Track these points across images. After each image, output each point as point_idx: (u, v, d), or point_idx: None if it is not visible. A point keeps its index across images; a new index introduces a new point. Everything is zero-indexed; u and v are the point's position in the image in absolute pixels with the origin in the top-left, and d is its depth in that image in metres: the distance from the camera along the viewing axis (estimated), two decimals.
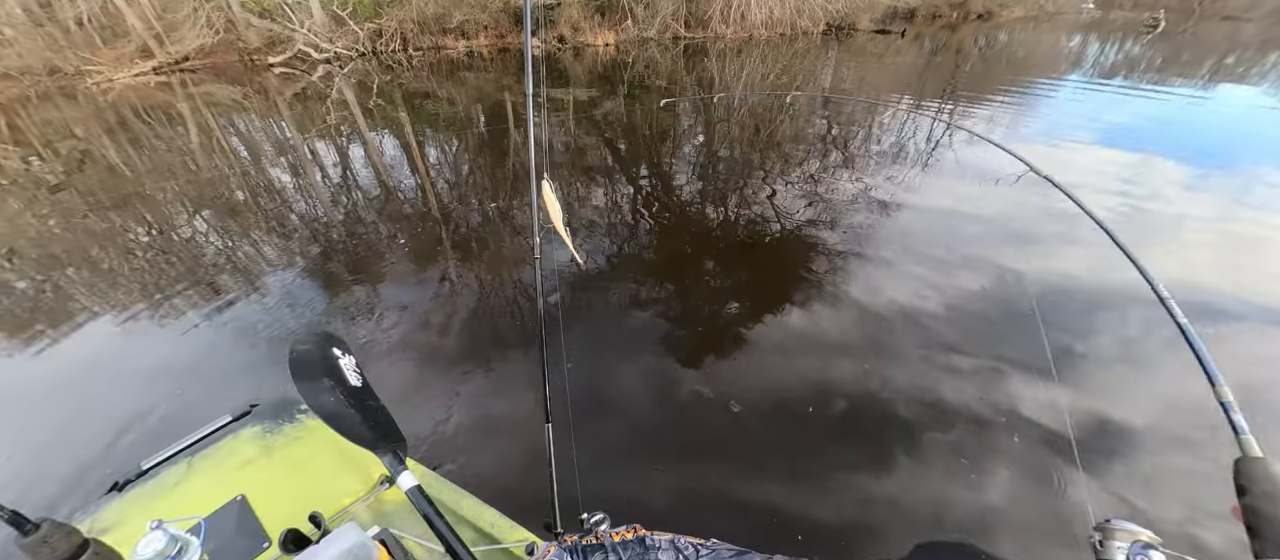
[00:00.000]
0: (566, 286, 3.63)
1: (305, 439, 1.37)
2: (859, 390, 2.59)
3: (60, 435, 2.58)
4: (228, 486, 1.20)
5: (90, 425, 2.63)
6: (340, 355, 0.99)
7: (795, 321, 3.11)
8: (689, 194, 5.01)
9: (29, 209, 5.87)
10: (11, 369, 3.20)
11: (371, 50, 15.02)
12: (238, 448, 1.35)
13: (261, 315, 3.49)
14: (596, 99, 9.01)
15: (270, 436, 1.38)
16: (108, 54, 13.88)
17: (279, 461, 1.30)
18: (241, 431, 1.39)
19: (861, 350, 2.85)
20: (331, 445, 1.34)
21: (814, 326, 3.06)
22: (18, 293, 4.10)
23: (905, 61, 12.02)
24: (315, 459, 1.30)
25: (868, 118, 7.02)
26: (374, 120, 8.66)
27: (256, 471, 1.26)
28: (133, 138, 8.60)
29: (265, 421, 1.43)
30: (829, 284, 3.45)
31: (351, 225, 4.87)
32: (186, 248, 4.68)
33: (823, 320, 3.11)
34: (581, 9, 15.71)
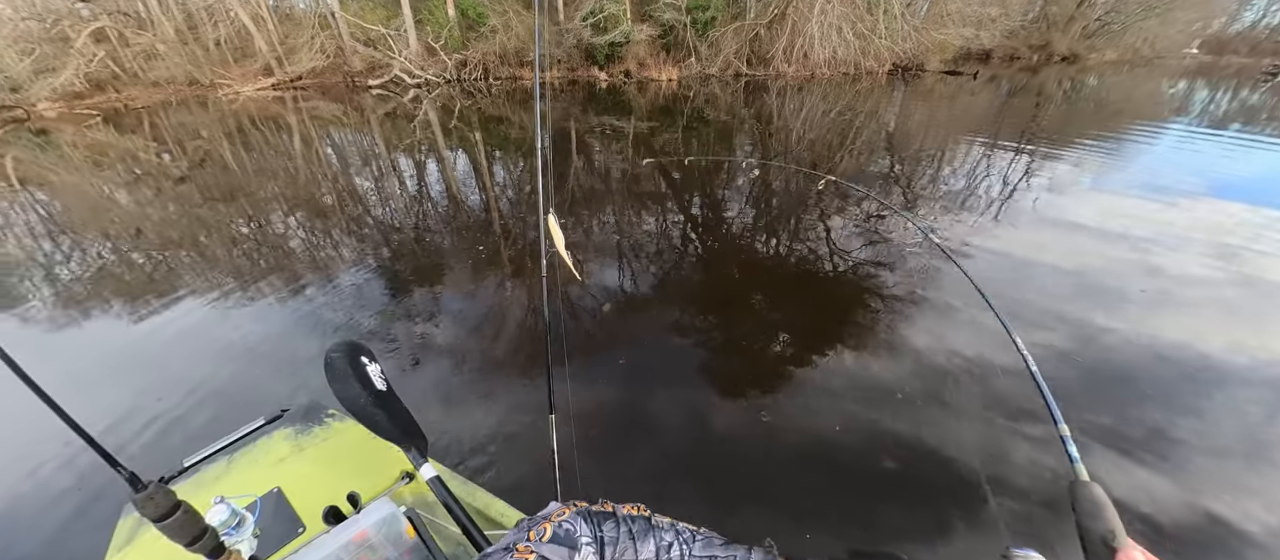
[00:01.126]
0: (614, 308, 3.63)
1: (333, 440, 1.45)
2: (912, 443, 2.37)
3: (145, 393, 2.85)
4: (264, 481, 1.28)
5: (172, 387, 2.89)
6: (368, 362, 1.11)
7: (846, 363, 2.93)
8: (740, 225, 4.93)
9: (156, 196, 6.72)
10: (120, 330, 3.60)
11: (457, 78, 16.27)
12: (271, 447, 1.43)
13: (330, 308, 3.73)
14: (656, 130, 9.19)
15: (301, 437, 1.46)
16: (237, 71, 15.94)
17: (310, 459, 1.38)
18: (274, 433, 1.48)
19: (918, 401, 2.62)
20: (356, 445, 1.41)
21: (865, 370, 2.86)
22: (137, 266, 4.65)
23: (978, 103, 11.44)
24: (342, 457, 1.37)
25: (935, 157, 6.68)
26: (451, 140, 9.29)
27: (289, 467, 1.34)
28: (247, 142, 9.71)
29: (296, 424, 1.51)
30: (885, 327, 3.23)
31: (420, 233, 5.17)
32: (277, 241, 5.15)
33: (876, 364, 2.90)
34: (648, 46, 16.28)
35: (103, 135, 11.35)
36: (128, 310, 3.88)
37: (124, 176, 7.91)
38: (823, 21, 14.63)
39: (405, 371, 3.03)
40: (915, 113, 10.32)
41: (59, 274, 4.72)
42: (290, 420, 1.54)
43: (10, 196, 7.21)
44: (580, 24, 15.93)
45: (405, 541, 0.97)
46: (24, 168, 8.87)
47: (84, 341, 3.57)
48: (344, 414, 1.50)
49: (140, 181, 7.54)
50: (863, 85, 13.85)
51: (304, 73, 16.29)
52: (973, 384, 2.74)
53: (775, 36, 15.44)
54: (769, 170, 6.59)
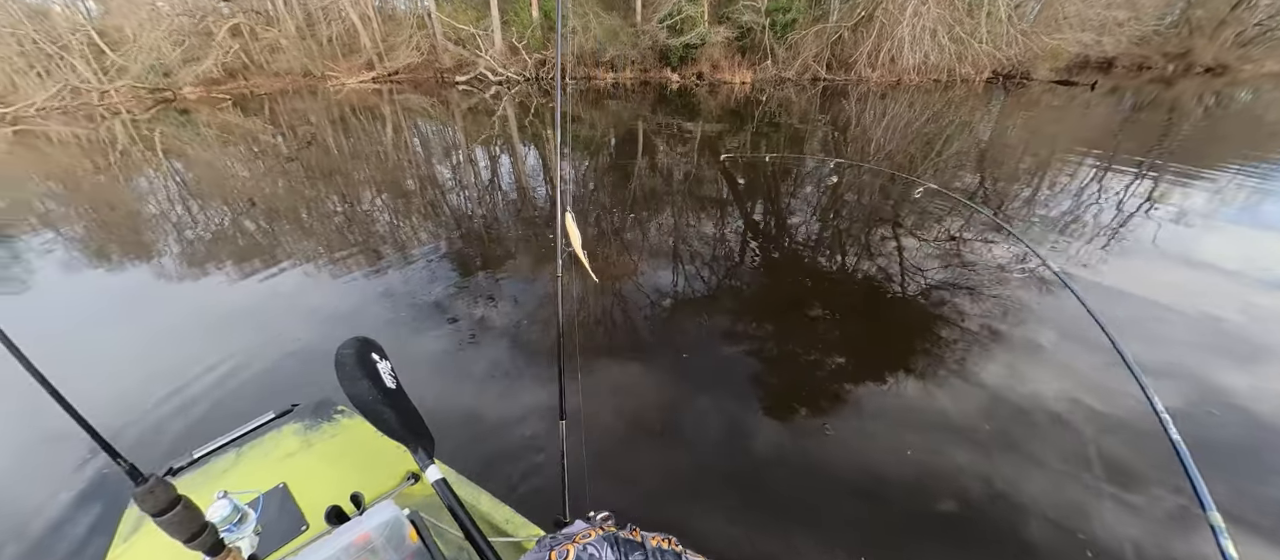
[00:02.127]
0: (663, 309, 3.61)
1: (341, 436, 1.44)
2: (978, 490, 2.15)
3: (247, 341, 3.22)
4: (271, 475, 1.28)
5: (267, 341, 3.25)
6: (378, 360, 1.10)
7: (909, 391, 2.71)
8: (805, 234, 4.74)
9: (269, 172, 7.60)
10: (227, 286, 4.11)
11: (535, 76, 17.01)
12: (280, 441, 1.43)
13: (403, 283, 4.03)
14: (724, 133, 9.06)
15: (310, 433, 1.45)
16: (344, 64, 17.69)
17: (317, 455, 1.37)
18: (284, 427, 1.48)
19: (988, 444, 2.38)
20: (364, 444, 1.40)
21: (931, 402, 2.64)
22: (248, 232, 5.30)
23: (1094, 118, 10.19)
24: (349, 455, 1.37)
25: (1034, 174, 6.03)
26: (525, 135, 9.72)
27: (297, 463, 1.34)
28: (346, 129, 10.74)
29: (306, 419, 1.51)
30: (958, 358, 2.96)
31: (490, 222, 5.46)
32: (364, 219, 5.64)
33: (944, 397, 2.66)
34: (723, 48, 16.10)
35: (231, 117, 13.06)
36: (234, 270, 4.43)
37: (244, 154, 9.04)
38: (915, 24, 13.71)
39: (456, 350, 3.20)
40: (1015, 124, 9.38)
41: (185, 234, 5.48)
42: (300, 415, 1.54)
43: (155, 165, 8.49)
44: (657, 26, 16.07)
45: (408, 546, 0.95)
46: (168, 141, 10.40)
47: (194, 294, 4.12)
48: (354, 411, 1.45)
49: (257, 158, 8.59)
50: (955, 93, 12.81)
51: (400, 68, 17.76)
52: (1062, 434, 2.44)
53: (860, 39, 14.68)
54: (843, 179, 6.28)
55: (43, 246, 5.30)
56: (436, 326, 3.46)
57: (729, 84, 15.67)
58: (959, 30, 13.96)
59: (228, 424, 2.18)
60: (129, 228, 5.75)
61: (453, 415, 2.65)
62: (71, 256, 5.05)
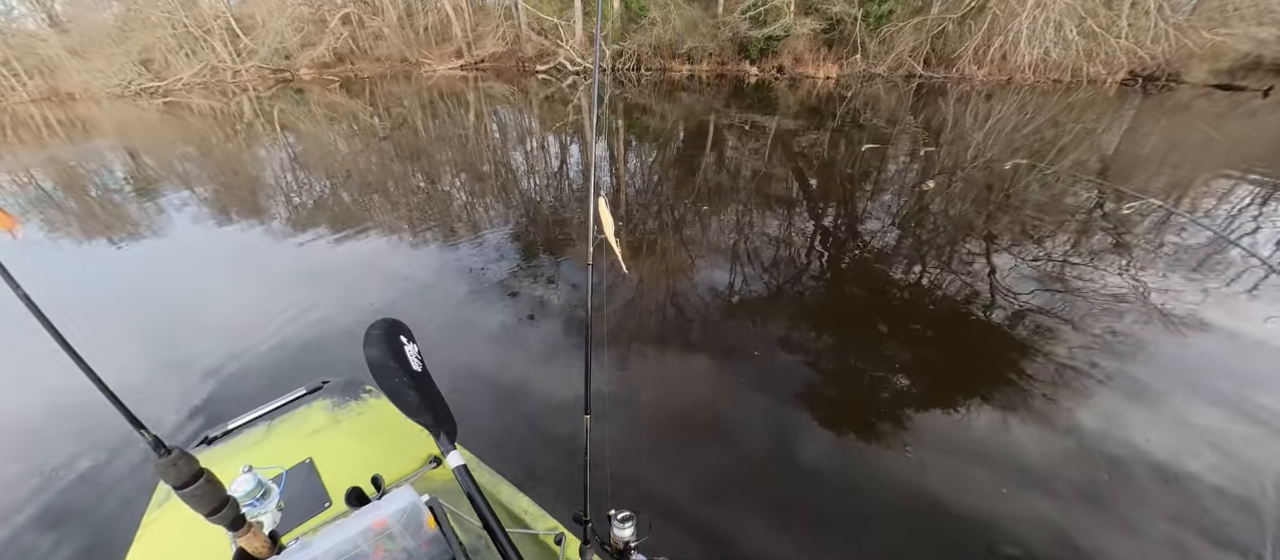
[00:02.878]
0: (718, 309, 3.58)
1: (367, 415, 1.48)
2: (1046, 541, 1.94)
3: (339, 299, 3.62)
4: (299, 450, 1.32)
5: (353, 296, 3.64)
6: (406, 342, 1.11)
7: (980, 424, 2.50)
8: (879, 244, 4.47)
9: (365, 149, 8.40)
10: (325, 248, 4.66)
11: (611, 68, 17.32)
12: (310, 417, 1.47)
13: (473, 257, 4.33)
14: (801, 130, 8.72)
15: (338, 410, 1.49)
16: (436, 52, 19.06)
17: (344, 432, 1.41)
18: (314, 403, 1.53)
19: (1071, 495, 2.13)
20: (389, 425, 1.44)
21: (1005, 439, 2.41)
22: (343, 201, 5.92)
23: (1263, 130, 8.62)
24: (374, 434, 1.41)
25: (1171, 194, 5.23)
26: (598, 124, 9.96)
27: (324, 439, 1.38)
28: (434, 112, 11.58)
29: (335, 397, 1.55)
30: (1045, 395, 2.68)
31: (555, 207, 5.68)
32: (442, 197, 6.09)
33: (1021, 436, 2.42)
34: (808, 40, 15.43)
35: (337, 97, 14.54)
36: (329, 233, 4.98)
37: (346, 131, 10.06)
38: (1038, 16, 12.30)
39: (515, 326, 3.38)
40: (1152, 134, 8.17)
41: (292, 199, 6.23)
42: (330, 392, 1.58)
43: (272, 138, 9.67)
44: (738, 17, 15.73)
45: (425, 532, 0.95)
46: (284, 117, 11.80)
47: (295, 251, 4.68)
48: (380, 391, 1.50)
49: (356, 136, 9.51)
50: (1079, 96, 11.36)
51: (486, 56, 18.83)
52: (1166, 498, 2.13)
53: (966, 33, 13.44)
54: (932, 184, 5.82)
55: (181, 202, 6.26)
56: (499, 302, 3.68)
57: (811, 79, 15.01)
58: (1091, 23, 12.33)
59: (317, 360, 2.44)
60: (247, 191, 6.64)
61: (500, 389, 2.82)
62: (201, 212, 5.94)
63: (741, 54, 16.41)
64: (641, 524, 0.94)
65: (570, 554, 1.07)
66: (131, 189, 7.04)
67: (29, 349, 2.94)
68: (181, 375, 3.02)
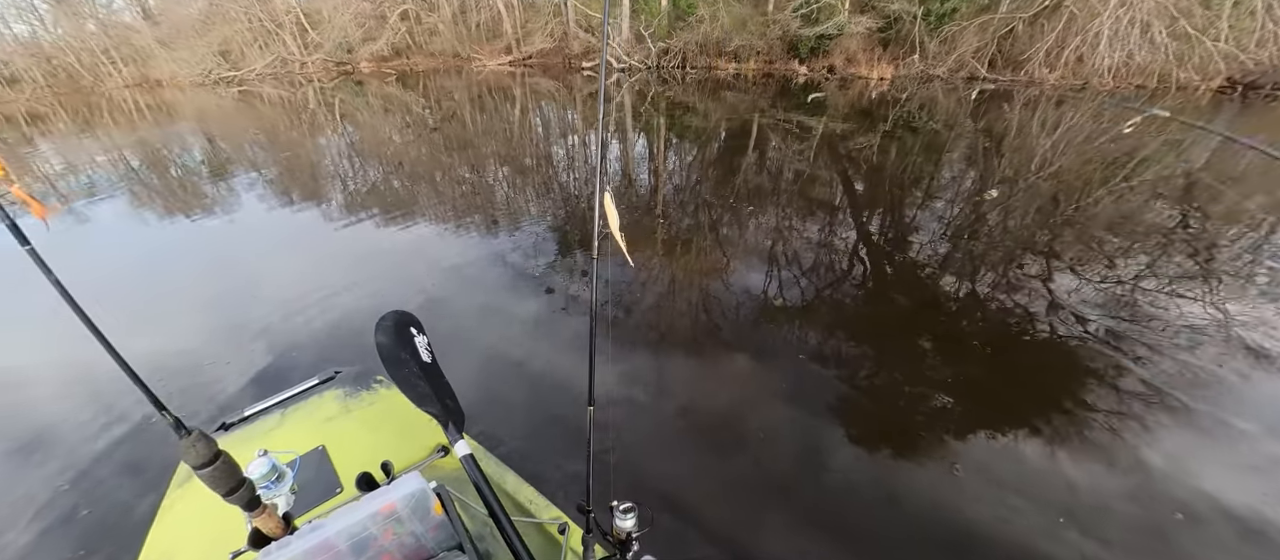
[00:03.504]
0: (751, 314, 3.52)
1: (378, 405, 1.52)
2: None
3: (387, 280, 3.81)
4: (312, 437, 1.36)
5: (399, 276, 3.82)
6: (417, 334, 1.14)
7: (1029, 453, 2.34)
8: (928, 255, 4.26)
9: (417, 140, 8.77)
10: (373, 231, 4.94)
11: (656, 65, 17.33)
12: (322, 405, 1.52)
13: (511, 249, 4.46)
14: (849, 133, 8.44)
15: (350, 399, 1.54)
16: (486, 48, 19.66)
17: (355, 421, 1.45)
18: (326, 392, 1.58)
19: (1132, 539, 1.97)
20: (399, 414, 1.47)
21: (1056, 471, 2.25)
22: (394, 189, 6.23)
23: None
24: (385, 423, 1.45)
25: (1266, 221, 4.71)
26: (639, 122, 9.99)
27: (336, 427, 1.42)
28: (482, 106, 11.95)
29: (346, 386, 1.60)
30: (1107, 427, 2.48)
31: (592, 203, 5.74)
32: (486, 189, 6.28)
33: (1078, 471, 2.25)
34: (863, 40, 14.90)
35: (393, 89, 15.24)
36: (380, 218, 5.25)
37: (399, 122, 10.53)
38: (1122, 15, 11.37)
39: (549, 317, 3.44)
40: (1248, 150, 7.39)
41: (347, 184, 6.58)
42: (342, 382, 1.63)
43: (332, 126, 10.24)
44: (789, 15, 15.38)
45: (432, 517, 0.97)
46: (344, 107, 12.47)
47: (346, 234, 4.96)
48: (391, 381, 1.52)
49: (409, 127, 9.95)
50: (1165, 104, 10.43)
51: (534, 53, 19.25)
52: (1241, 547, 1.93)
53: (1037, 34, 12.60)
54: (990, 194, 5.50)
55: (249, 183, 6.74)
56: (534, 294, 3.77)
57: (863, 79, 14.49)
58: (1185, 24, 11.27)
59: (361, 335, 2.54)
60: (308, 175, 7.08)
61: (528, 374, 2.88)
62: (266, 193, 6.38)
63: (790, 53, 16.04)
64: (643, 516, 0.94)
65: (573, 543, 1.09)
66: (207, 170, 7.66)
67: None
68: (239, 339, 3.29)
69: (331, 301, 3.67)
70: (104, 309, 2.94)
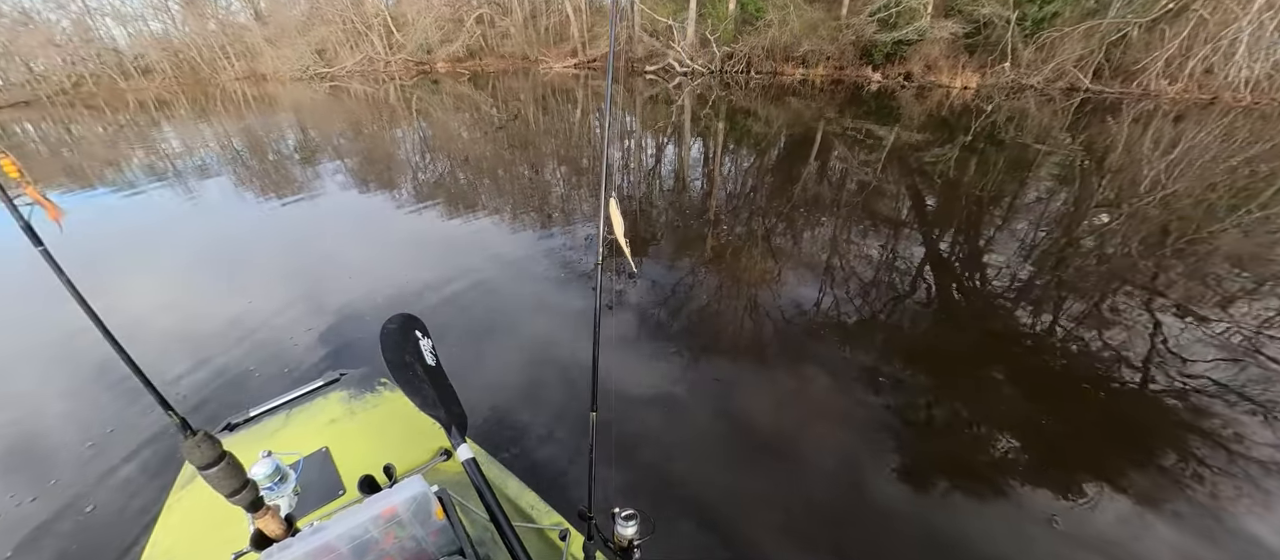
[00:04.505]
0: (802, 329, 3.40)
1: (381, 408, 1.52)
2: None
3: (448, 267, 4.05)
4: (316, 439, 1.37)
5: (461, 268, 4.05)
6: (421, 337, 1.14)
7: (1112, 516, 2.09)
8: (1005, 281, 3.93)
9: (483, 137, 9.22)
10: (437, 220, 5.28)
11: (719, 70, 17.21)
12: (327, 407, 1.53)
13: (563, 246, 4.60)
14: (924, 144, 7.96)
15: (353, 401, 1.55)
16: (553, 51, 20.37)
17: (359, 424, 1.46)
18: (331, 394, 1.59)
19: None
20: (402, 417, 1.48)
21: (1145, 541, 1.99)
22: (460, 183, 6.60)
23: None
24: (388, 426, 1.46)
25: None
26: (697, 126, 9.96)
27: (339, 430, 1.43)
28: (545, 107, 12.37)
29: (351, 388, 1.61)
30: (1208, 490, 2.17)
31: (644, 205, 5.78)
32: (543, 186, 6.49)
33: (1170, 540, 1.98)
34: (946, 45, 14.02)
35: (465, 88, 16.13)
36: (445, 210, 5.58)
37: (468, 120, 11.12)
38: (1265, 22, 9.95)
39: (592, 314, 3.49)
40: None
41: (418, 176, 7.04)
42: (346, 384, 1.64)
43: (409, 122, 10.97)
44: (864, 19, 14.76)
45: (433, 522, 0.98)
46: (420, 104, 13.34)
47: (412, 221, 5.31)
48: (395, 384, 1.52)
49: (476, 125, 10.48)
50: None
51: (598, 56, 19.71)
52: None
53: (1156, 41, 11.29)
54: (1084, 216, 4.99)
55: (333, 170, 7.38)
56: (582, 291, 3.85)
57: (944, 88, 13.63)
58: None
59: (418, 311, 2.68)
60: (384, 165, 7.65)
61: (572, 369, 2.93)
62: (346, 179, 6.95)
63: (864, 58, 15.39)
64: (644, 523, 0.93)
65: (574, 550, 1.08)
66: (298, 156, 8.47)
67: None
68: (315, 309, 3.64)
69: (395, 280, 3.98)
70: (207, 273, 3.35)
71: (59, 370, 3.17)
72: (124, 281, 4.36)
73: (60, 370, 3.17)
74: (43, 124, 16.58)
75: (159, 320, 3.68)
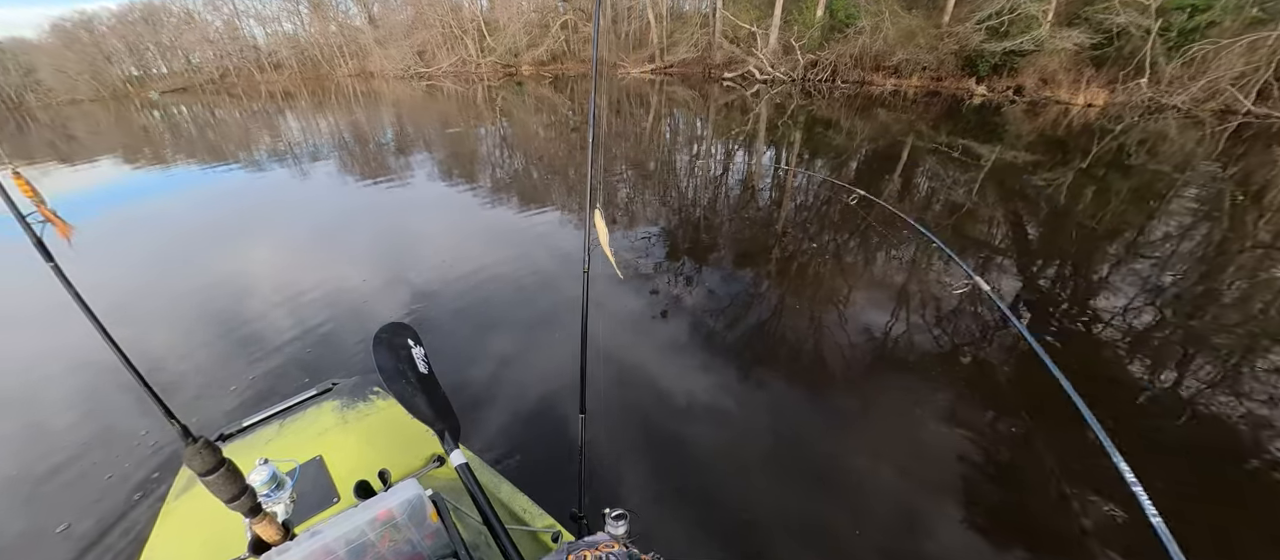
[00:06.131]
0: (868, 353, 3.21)
1: (375, 416, 1.54)
2: None
3: (515, 260, 4.32)
4: (310, 448, 1.38)
5: (527, 262, 4.31)
6: (413, 345, 1.15)
7: None
8: (1114, 329, 3.46)
9: (557, 137, 9.63)
10: (509, 214, 5.66)
11: (801, 78, 16.72)
12: (319, 417, 1.54)
13: (624, 248, 4.69)
14: (1031, 166, 7.23)
15: (346, 410, 1.56)
16: (631, 57, 20.81)
17: (352, 432, 1.47)
18: (324, 403, 1.61)
19: None
20: (395, 425, 1.50)
21: None
22: (532, 180, 7.04)
23: None
24: (381, 433, 1.47)
25: None
26: (772, 136, 9.73)
27: (333, 438, 1.44)
28: (619, 111, 12.66)
29: (343, 398, 1.62)
30: None
31: (708, 212, 5.74)
32: (609, 187, 6.65)
33: None
34: (1068, 57, 12.66)
35: (546, 91, 16.91)
36: (517, 204, 5.91)
37: (546, 120, 11.66)
38: None
39: (648, 319, 3.50)
40: None
41: (495, 171, 7.51)
42: (339, 393, 1.65)
43: (492, 120, 11.69)
44: (970, 27, 13.70)
45: (428, 525, 0.99)
46: (504, 104, 14.17)
47: (487, 214, 5.70)
48: (387, 393, 1.57)
49: (553, 126, 10.97)
50: None
51: (675, 62, 19.89)
52: None
53: None
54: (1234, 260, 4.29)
55: (422, 161, 8.07)
56: (639, 293, 3.90)
57: (1063, 104, 12.31)
58: None
59: (489, 304, 2.85)
60: (468, 160, 8.25)
61: (623, 368, 2.97)
62: (433, 171, 7.58)
63: (966, 69, 14.28)
64: (635, 522, 0.92)
65: None
66: (394, 146, 9.35)
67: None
68: (395, 280, 4.14)
69: (467, 263, 4.36)
70: (310, 244, 3.79)
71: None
72: (240, 247, 5.10)
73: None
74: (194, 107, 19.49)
75: (265, 282, 4.26)
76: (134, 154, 10.88)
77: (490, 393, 2.80)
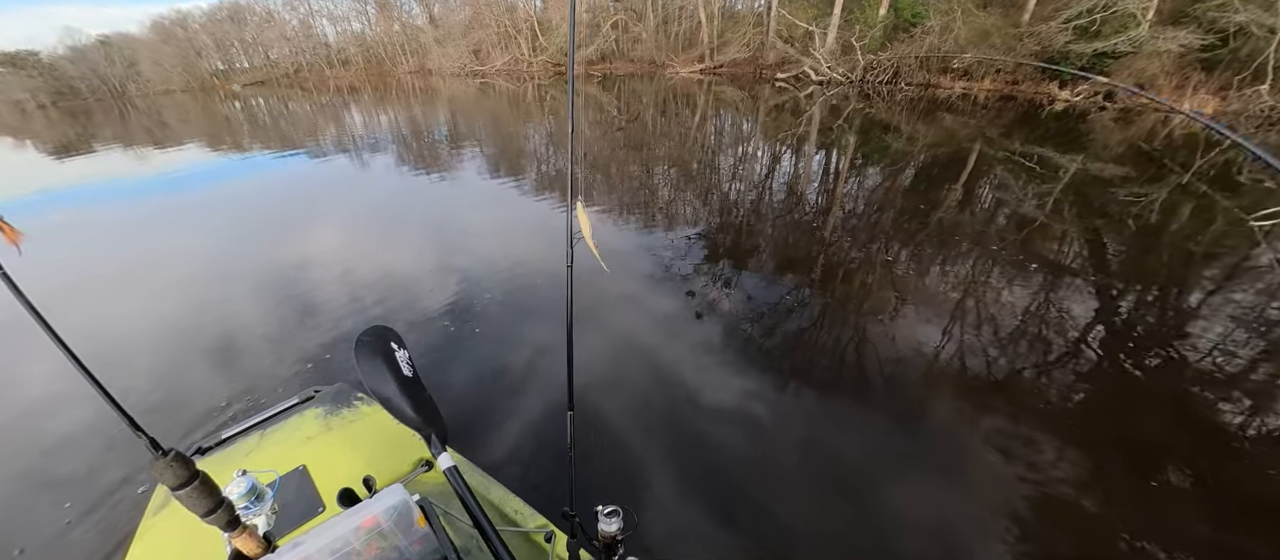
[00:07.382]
0: (918, 371, 3.03)
1: (359, 423, 1.51)
2: None
3: (552, 255, 4.44)
4: (292, 457, 1.36)
5: (559, 258, 4.35)
6: (397, 349, 1.13)
7: None
8: (1208, 363, 3.09)
9: (602, 136, 9.76)
10: (551, 212, 5.81)
11: (859, 79, 16.11)
12: (302, 425, 1.51)
13: (663, 247, 4.73)
14: (1119, 180, 6.62)
15: (330, 418, 1.53)
16: (681, 57, 20.77)
17: (336, 440, 1.45)
18: (306, 412, 1.57)
19: None
20: (380, 430, 1.47)
21: None
22: (580, 178, 7.09)
23: None
24: (367, 440, 1.44)
25: None
26: (826, 139, 9.43)
27: (316, 447, 1.41)
28: (664, 111, 12.68)
29: (326, 405, 1.60)
30: None
31: (751, 216, 5.63)
32: (650, 189, 6.66)
33: None
34: (1170, 60, 11.53)
35: (594, 90, 17.16)
36: (558, 200, 6.08)
37: (593, 118, 11.84)
38: None
39: (682, 320, 3.46)
40: None
41: (540, 166, 7.71)
42: (321, 401, 1.62)
43: (541, 118, 11.99)
44: (1055, 26, 12.74)
45: (416, 530, 0.97)
46: (552, 103, 14.48)
47: (530, 207, 5.95)
48: (372, 399, 1.54)
49: (599, 124, 11.13)
50: None
51: (725, 62, 19.67)
52: None
53: None
54: None
55: (472, 155, 8.44)
56: (674, 294, 3.88)
57: (1160, 112, 11.23)
58: None
59: (528, 296, 2.92)
60: (515, 155, 8.56)
61: (655, 368, 2.95)
62: (481, 165, 7.90)
63: (1045, 72, 13.28)
64: (628, 518, 0.92)
65: (560, 550, 1.07)
66: (447, 140, 9.81)
67: None
68: (442, 267, 4.43)
69: (510, 255, 4.59)
70: (365, 229, 4.06)
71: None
72: (301, 230, 5.53)
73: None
74: (270, 99, 21.13)
75: (322, 263, 4.62)
76: (217, 141, 12.03)
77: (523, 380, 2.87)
